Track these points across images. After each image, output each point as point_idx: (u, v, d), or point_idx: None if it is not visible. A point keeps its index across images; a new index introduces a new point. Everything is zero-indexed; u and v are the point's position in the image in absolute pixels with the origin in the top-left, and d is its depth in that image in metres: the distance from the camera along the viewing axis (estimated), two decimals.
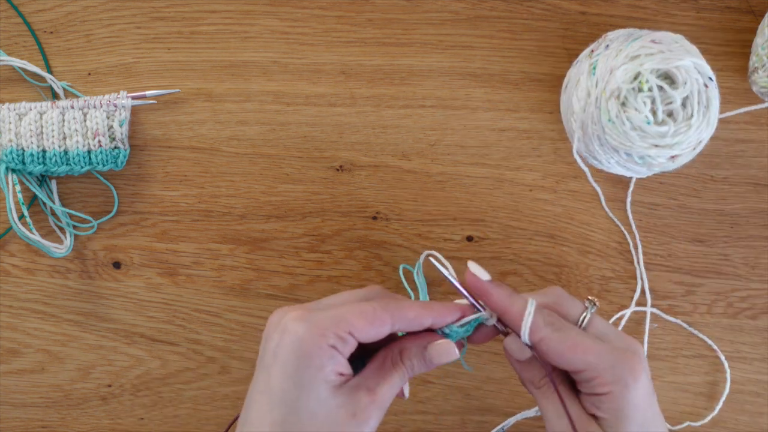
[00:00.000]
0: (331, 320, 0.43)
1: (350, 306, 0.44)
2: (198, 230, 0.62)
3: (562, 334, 0.45)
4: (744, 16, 0.60)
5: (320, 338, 0.42)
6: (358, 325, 0.43)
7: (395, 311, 0.44)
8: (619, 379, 0.44)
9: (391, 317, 0.44)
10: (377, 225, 0.61)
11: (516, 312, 0.46)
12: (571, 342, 0.45)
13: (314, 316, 0.43)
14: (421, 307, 0.46)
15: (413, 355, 0.46)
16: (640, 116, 0.51)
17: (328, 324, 0.43)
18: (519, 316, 0.46)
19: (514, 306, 0.46)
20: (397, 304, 0.45)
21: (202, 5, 0.61)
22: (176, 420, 0.63)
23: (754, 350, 0.61)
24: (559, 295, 0.48)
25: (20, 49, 0.62)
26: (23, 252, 0.62)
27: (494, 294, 0.47)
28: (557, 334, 0.45)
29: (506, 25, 0.60)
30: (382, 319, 0.44)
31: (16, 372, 0.63)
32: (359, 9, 0.61)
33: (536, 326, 0.45)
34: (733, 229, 0.61)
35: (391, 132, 0.61)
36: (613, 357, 0.44)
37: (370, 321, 0.43)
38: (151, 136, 0.62)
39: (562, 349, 0.45)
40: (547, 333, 0.45)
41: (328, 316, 0.43)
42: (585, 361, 0.44)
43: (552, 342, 0.45)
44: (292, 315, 0.44)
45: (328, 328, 0.43)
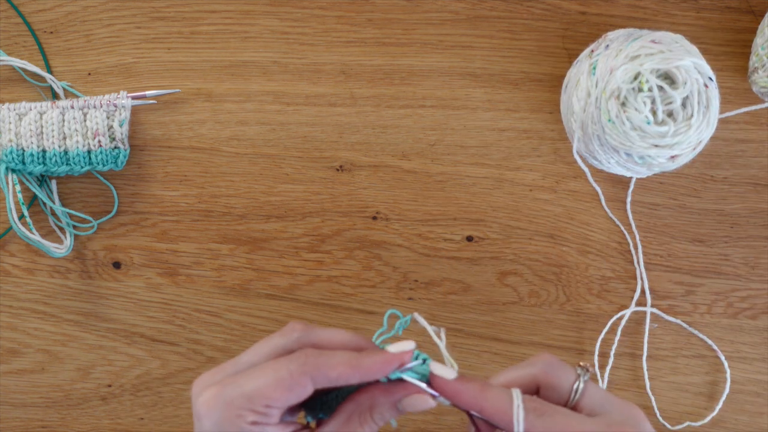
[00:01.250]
0: (244, 398, 0.40)
1: (264, 373, 0.41)
2: (198, 230, 0.62)
3: (548, 419, 0.41)
4: (744, 16, 0.60)
5: (237, 419, 0.40)
6: (274, 396, 0.40)
7: (316, 372, 0.41)
8: None
9: (312, 380, 0.41)
10: (377, 225, 0.61)
11: (491, 407, 0.41)
12: (559, 428, 0.41)
13: (226, 394, 0.40)
14: (348, 366, 0.41)
15: (385, 410, 0.43)
16: (640, 116, 0.51)
17: (241, 403, 0.40)
18: (496, 410, 0.41)
19: (488, 401, 0.42)
20: (316, 362, 0.41)
21: (202, 5, 0.61)
22: (176, 420, 0.63)
23: (754, 350, 0.61)
24: (549, 364, 0.44)
25: (20, 49, 0.62)
26: (23, 252, 0.62)
27: (464, 392, 0.42)
28: (542, 421, 0.41)
29: (506, 25, 0.60)
30: (301, 384, 0.40)
31: (16, 372, 0.63)
32: (359, 9, 0.61)
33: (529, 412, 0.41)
34: (733, 229, 0.61)
35: (391, 132, 0.61)
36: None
37: (288, 388, 0.40)
38: (151, 136, 0.62)
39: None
40: (531, 422, 0.41)
41: (241, 394, 0.40)
42: None
43: (539, 429, 0.41)
44: (204, 398, 0.40)
45: (242, 408, 0.40)
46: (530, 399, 0.42)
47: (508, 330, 0.61)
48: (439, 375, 0.43)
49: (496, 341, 0.62)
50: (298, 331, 0.43)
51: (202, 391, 0.41)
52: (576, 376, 0.43)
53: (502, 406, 0.41)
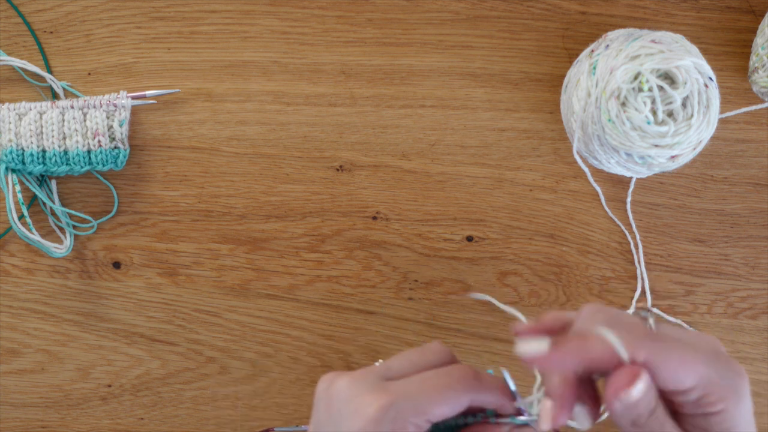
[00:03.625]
0: (413, 409, 0.40)
1: (431, 385, 0.41)
2: (198, 230, 0.62)
3: (664, 344, 0.37)
4: (744, 16, 0.60)
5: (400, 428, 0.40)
6: (437, 411, 0.40)
7: (474, 393, 0.41)
8: (732, 393, 0.37)
9: (470, 399, 0.41)
10: (377, 225, 0.61)
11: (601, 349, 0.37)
12: (679, 354, 0.37)
13: (400, 406, 0.40)
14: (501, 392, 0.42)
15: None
16: (640, 116, 0.51)
17: (408, 413, 0.40)
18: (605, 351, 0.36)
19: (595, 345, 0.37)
20: (477, 383, 0.41)
21: (202, 5, 0.61)
22: (176, 420, 0.63)
23: (754, 350, 0.61)
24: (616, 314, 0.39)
25: (20, 49, 0.62)
26: (23, 252, 0.62)
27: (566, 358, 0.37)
28: (660, 346, 0.37)
29: (506, 25, 0.60)
30: (461, 402, 0.41)
31: (16, 372, 0.63)
32: (359, 9, 0.61)
33: (633, 345, 0.36)
34: (733, 229, 0.61)
35: (391, 132, 0.61)
36: (717, 363, 0.37)
37: (451, 406, 0.40)
38: (151, 136, 0.62)
39: (674, 363, 0.36)
40: (649, 347, 0.36)
41: (409, 404, 0.40)
42: (697, 374, 0.36)
43: (659, 358, 0.36)
44: (379, 403, 0.40)
45: (407, 419, 0.40)
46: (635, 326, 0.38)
47: (508, 330, 0.61)
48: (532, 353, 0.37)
49: (496, 341, 0.62)
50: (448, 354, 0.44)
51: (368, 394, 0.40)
52: (641, 319, 0.40)
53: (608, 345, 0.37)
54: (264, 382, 0.63)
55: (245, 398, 0.63)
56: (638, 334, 0.37)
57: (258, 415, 0.63)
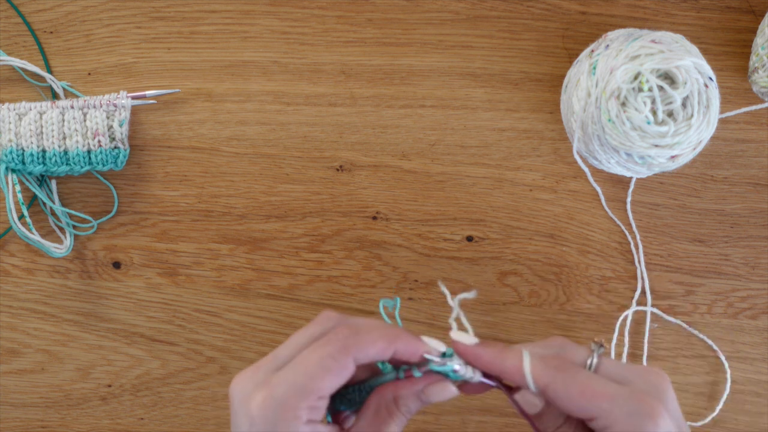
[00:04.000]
0: (296, 395, 0.39)
1: (307, 362, 0.40)
2: (198, 230, 0.62)
3: (568, 375, 0.41)
4: (744, 15, 0.60)
5: (294, 420, 0.39)
6: (323, 384, 0.40)
7: (356, 350, 0.40)
8: (638, 426, 0.39)
9: (354, 359, 0.41)
10: (377, 225, 0.61)
11: (511, 366, 0.42)
12: (580, 385, 0.40)
13: (278, 395, 0.40)
14: (386, 340, 0.41)
15: (410, 401, 0.43)
16: (640, 116, 0.51)
17: (294, 402, 0.39)
18: (515, 369, 0.41)
19: (507, 361, 0.42)
20: (356, 339, 0.41)
21: (202, 5, 0.61)
22: (176, 420, 0.63)
23: (754, 350, 0.61)
24: (561, 345, 0.44)
25: (20, 49, 0.62)
26: (23, 252, 0.63)
27: (484, 356, 0.42)
28: (563, 376, 0.41)
29: (506, 25, 0.60)
30: (344, 365, 0.40)
31: (16, 372, 0.63)
32: (359, 9, 0.61)
33: (539, 371, 0.41)
34: (733, 229, 0.61)
35: (391, 132, 0.61)
36: (628, 403, 0.40)
37: (334, 372, 0.40)
38: (151, 136, 0.62)
39: (572, 394, 0.40)
40: (551, 377, 0.41)
41: (293, 391, 0.39)
42: (598, 407, 0.40)
43: (559, 386, 0.40)
44: (257, 401, 0.40)
45: (297, 406, 0.39)
46: (552, 357, 0.42)
47: (508, 330, 0.61)
48: (460, 341, 0.43)
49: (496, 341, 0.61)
50: (333, 320, 0.43)
51: (252, 393, 0.40)
52: (589, 352, 0.43)
53: (521, 365, 0.41)
54: None
55: None
56: (553, 365, 0.41)
57: None
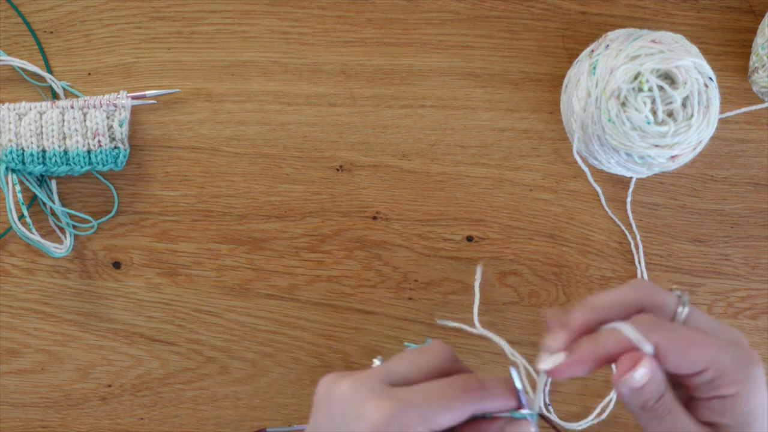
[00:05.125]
0: (418, 418, 0.39)
1: (435, 395, 0.40)
2: (198, 230, 0.62)
3: (674, 332, 0.39)
4: (744, 15, 0.60)
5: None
6: (441, 421, 0.40)
7: (478, 403, 0.41)
8: (747, 377, 0.38)
9: (476, 408, 0.41)
10: (377, 225, 0.61)
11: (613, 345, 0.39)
12: (687, 338, 0.39)
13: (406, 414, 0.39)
14: (507, 395, 0.42)
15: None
16: (640, 116, 0.51)
17: (413, 422, 0.39)
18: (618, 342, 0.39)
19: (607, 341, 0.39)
20: (482, 393, 0.41)
21: (202, 5, 0.61)
22: (176, 420, 0.63)
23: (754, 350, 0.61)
24: (651, 286, 0.42)
25: (20, 49, 0.62)
26: (23, 252, 0.62)
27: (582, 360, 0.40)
28: (670, 332, 0.39)
29: (506, 25, 0.60)
30: (465, 412, 0.40)
31: (16, 372, 0.63)
32: (359, 9, 0.61)
33: (646, 332, 0.38)
34: (733, 229, 0.61)
35: (391, 132, 0.61)
36: (736, 351, 0.39)
37: (456, 416, 0.40)
38: (151, 136, 0.62)
39: (682, 346, 0.38)
40: (659, 334, 0.38)
41: (418, 415, 0.39)
42: (708, 356, 0.38)
43: (668, 342, 0.38)
44: (384, 412, 0.39)
45: (411, 425, 0.39)
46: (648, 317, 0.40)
47: (508, 330, 0.61)
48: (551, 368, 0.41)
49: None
50: (450, 354, 0.43)
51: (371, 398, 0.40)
52: (677, 299, 0.41)
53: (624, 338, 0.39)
54: (264, 382, 0.63)
55: (245, 398, 0.63)
56: (649, 322, 0.39)
57: (258, 415, 0.63)
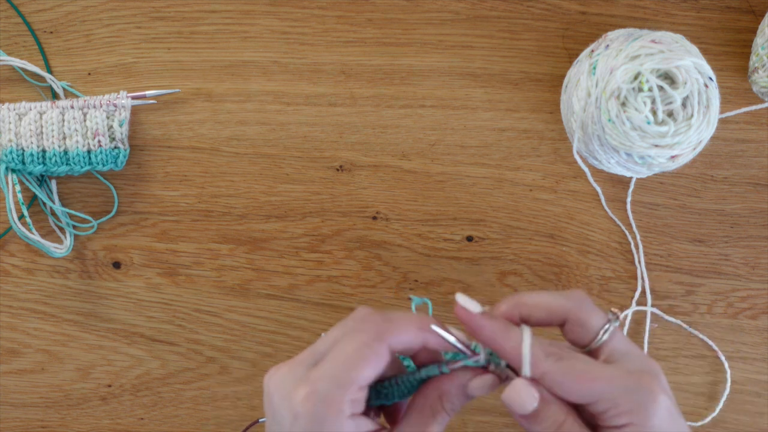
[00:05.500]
0: (339, 387, 0.39)
1: (343, 352, 0.40)
2: (198, 230, 0.62)
3: (565, 364, 0.41)
4: (744, 15, 0.60)
5: (338, 415, 0.39)
6: (362, 374, 0.40)
7: (390, 337, 0.41)
8: (638, 406, 0.40)
9: (389, 346, 0.41)
10: (377, 225, 0.61)
11: (511, 349, 0.41)
12: (577, 372, 0.40)
13: (321, 390, 0.39)
14: (418, 327, 0.42)
15: (454, 397, 0.42)
16: (640, 116, 0.51)
17: (338, 395, 0.39)
18: (514, 352, 0.41)
19: (509, 342, 0.41)
20: (389, 326, 0.41)
21: (202, 5, 0.61)
22: (176, 420, 0.63)
23: (754, 350, 0.61)
24: (583, 301, 0.43)
25: (20, 49, 0.62)
26: (23, 252, 0.63)
27: (486, 329, 0.41)
28: (560, 365, 0.40)
29: (506, 25, 0.60)
30: (380, 353, 0.40)
31: (16, 372, 0.63)
32: (359, 9, 0.61)
33: (536, 359, 0.40)
34: (733, 229, 0.61)
35: (391, 132, 0.61)
36: (627, 382, 0.40)
37: (370, 361, 0.40)
38: (151, 136, 0.62)
39: (569, 380, 0.40)
40: (549, 366, 0.40)
41: (335, 384, 0.39)
42: (595, 390, 0.40)
43: (556, 374, 0.40)
44: (301, 397, 0.40)
45: (340, 400, 0.39)
46: (550, 344, 0.41)
47: None
48: (464, 306, 0.42)
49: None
50: (365, 313, 0.43)
51: (294, 389, 0.40)
52: (606, 320, 0.42)
53: (520, 349, 0.41)
54: None
55: (245, 398, 0.63)
56: (551, 353, 0.41)
57: (258, 415, 0.63)
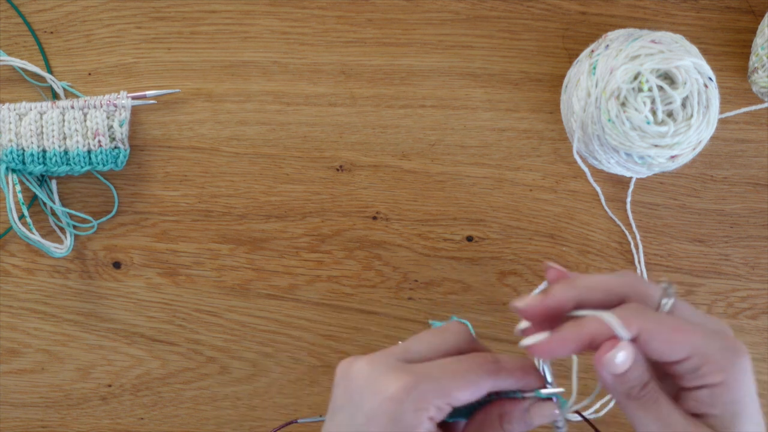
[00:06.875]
0: (435, 391, 0.40)
1: (451, 369, 0.41)
2: (198, 230, 0.62)
3: (658, 317, 0.38)
4: (744, 16, 0.60)
5: (421, 411, 0.39)
6: (460, 396, 0.40)
7: (496, 376, 0.41)
8: (732, 366, 0.37)
9: (492, 384, 0.41)
10: (377, 225, 0.61)
11: (595, 329, 0.39)
12: (671, 325, 0.38)
13: (422, 386, 0.40)
14: (522, 372, 0.42)
15: (514, 420, 0.42)
16: (640, 116, 0.51)
17: (431, 395, 0.40)
18: (600, 328, 0.38)
19: (590, 326, 0.39)
20: (496, 367, 0.41)
21: (202, 5, 0.61)
22: (176, 420, 0.63)
23: (754, 350, 0.61)
24: (636, 278, 0.41)
25: (20, 49, 0.62)
26: (23, 252, 0.63)
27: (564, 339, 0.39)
28: (654, 319, 0.38)
29: (506, 25, 0.60)
30: (483, 387, 0.41)
31: (16, 372, 0.63)
32: (359, 9, 0.61)
33: (628, 318, 0.38)
34: (733, 229, 0.61)
35: (391, 132, 0.61)
36: (719, 339, 0.38)
37: (473, 390, 0.40)
38: (151, 136, 0.62)
39: (666, 333, 0.38)
40: (642, 321, 0.38)
41: (435, 388, 0.40)
42: (692, 344, 0.38)
43: (652, 329, 0.38)
44: (398, 382, 0.40)
45: (429, 400, 0.39)
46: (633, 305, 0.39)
47: (508, 330, 0.61)
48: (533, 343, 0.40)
49: (496, 341, 0.62)
50: (467, 334, 0.44)
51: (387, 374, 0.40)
52: (662, 290, 0.41)
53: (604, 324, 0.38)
54: (264, 382, 0.63)
55: (245, 398, 0.63)
56: (632, 309, 0.38)
57: (258, 414, 0.63)
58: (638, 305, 0.39)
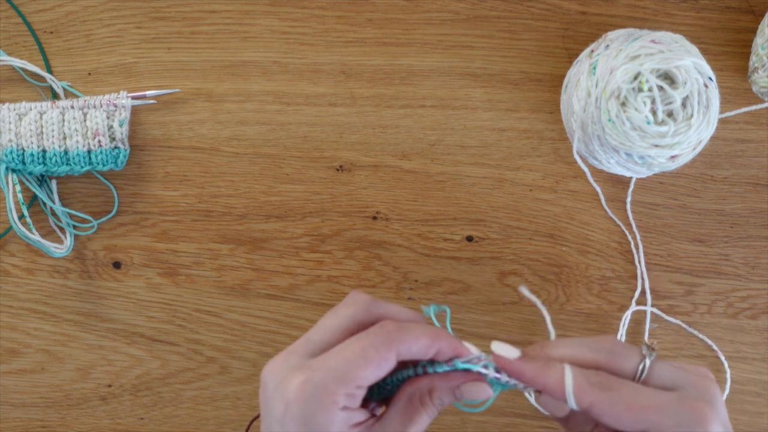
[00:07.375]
0: (336, 381, 0.39)
1: (350, 351, 0.40)
2: (198, 230, 0.62)
3: (613, 393, 0.40)
4: (744, 16, 0.60)
5: (329, 405, 0.39)
6: (363, 374, 0.40)
7: (400, 346, 0.40)
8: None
9: (397, 354, 0.40)
10: (377, 225, 0.61)
11: (553, 384, 0.41)
12: (626, 401, 0.40)
13: (317, 379, 0.39)
14: (429, 338, 0.41)
15: (444, 394, 0.43)
16: (640, 116, 0.51)
17: (334, 387, 0.39)
18: (558, 387, 0.41)
19: (550, 378, 0.41)
20: (399, 335, 0.41)
21: (202, 5, 0.61)
22: (176, 420, 0.63)
23: (754, 350, 0.61)
24: (611, 351, 0.42)
25: (20, 49, 0.62)
26: (23, 252, 0.63)
27: (526, 372, 0.42)
28: (608, 395, 0.40)
29: (506, 25, 0.60)
30: (387, 359, 0.40)
31: (16, 372, 0.63)
32: (359, 9, 0.61)
33: (582, 390, 0.40)
34: (733, 229, 0.61)
35: (391, 132, 0.61)
36: (678, 412, 0.39)
37: (376, 365, 0.40)
38: (151, 136, 0.62)
39: (617, 411, 0.39)
40: (595, 396, 0.40)
41: (333, 377, 0.39)
42: (646, 421, 0.39)
43: (603, 405, 0.40)
44: (294, 384, 0.40)
45: (336, 392, 0.39)
46: (596, 373, 0.41)
47: (508, 330, 0.61)
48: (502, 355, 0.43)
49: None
50: (363, 303, 0.43)
51: (288, 376, 0.40)
52: (641, 357, 0.42)
53: (563, 384, 0.41)
54: None
55: (245, 398, 0.63)
56: (596, 383, 0.40)
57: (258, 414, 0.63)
58: (599, 376, 0.41)
